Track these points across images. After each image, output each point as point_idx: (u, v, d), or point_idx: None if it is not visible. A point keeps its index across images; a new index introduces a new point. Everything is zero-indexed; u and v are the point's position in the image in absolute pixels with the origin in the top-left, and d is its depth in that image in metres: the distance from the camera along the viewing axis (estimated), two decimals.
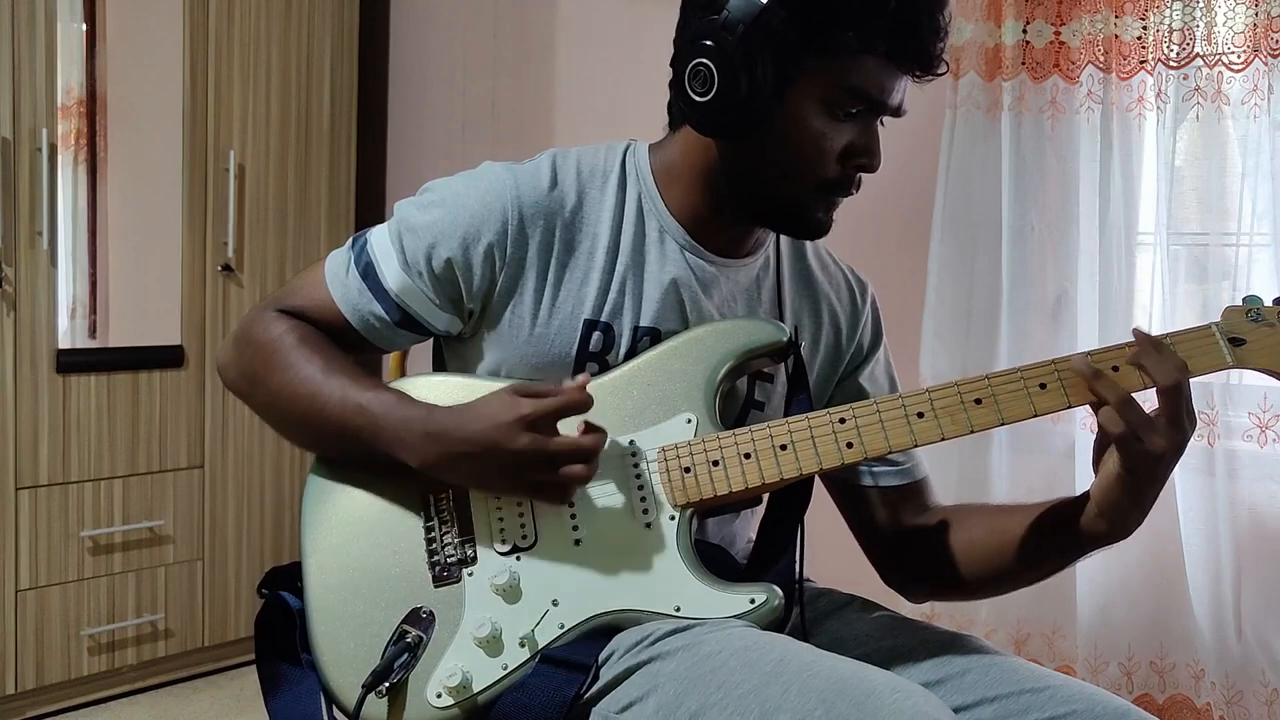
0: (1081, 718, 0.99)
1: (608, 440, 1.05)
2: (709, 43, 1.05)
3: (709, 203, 1.16)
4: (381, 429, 1.07)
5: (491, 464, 1.02)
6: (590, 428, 1.04)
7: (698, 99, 1.07)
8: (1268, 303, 1.07)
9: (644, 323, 1.14)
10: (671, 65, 1.10)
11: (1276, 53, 1.73)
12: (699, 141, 1.13)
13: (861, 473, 1.25)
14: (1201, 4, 1.79)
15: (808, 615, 1.18)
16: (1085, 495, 1.07)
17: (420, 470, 1.06)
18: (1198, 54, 1.81)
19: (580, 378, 1.04)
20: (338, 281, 1.16)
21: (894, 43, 1.05)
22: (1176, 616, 1.87)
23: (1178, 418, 1.00)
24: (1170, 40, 1.82)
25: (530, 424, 1.00)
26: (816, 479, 1.12)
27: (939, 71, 1.09)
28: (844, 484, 1.27)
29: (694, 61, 1.06)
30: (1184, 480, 1.83)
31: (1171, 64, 1.83)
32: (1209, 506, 1.81)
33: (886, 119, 1.11)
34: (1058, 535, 1.10)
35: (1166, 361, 1.01)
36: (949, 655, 1.08)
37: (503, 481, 1.04)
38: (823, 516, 1.28)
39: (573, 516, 1.07)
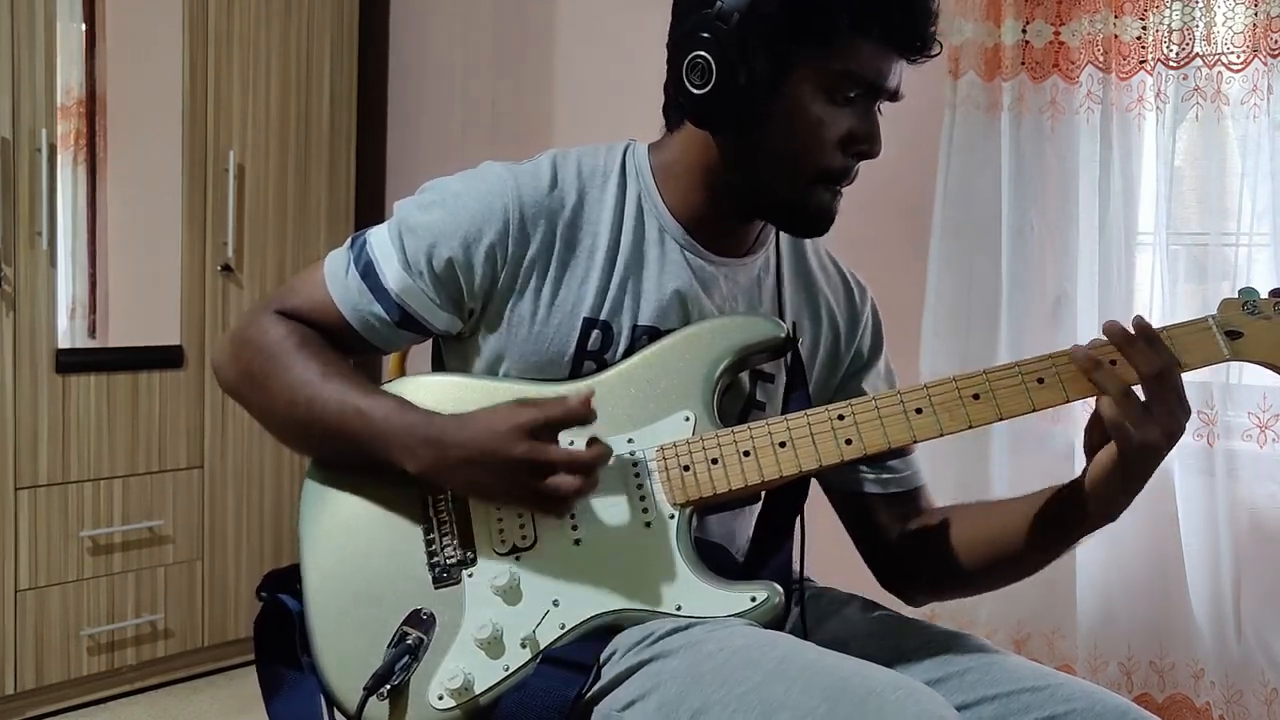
0: (1082, 716, 0.99)
1: (609, 451, 1.04)
2: (705, 35, 1.05)
3: (709, 202, 1.16)
4: (381, 434, 1.06)
5: (488, 471, 1.02)
6: (594, 441, 1.04)
7: (696, 92, 1.07)
8: (1264, 295, 1.06)
9: (643, 321, 1.14)
10: (668, 62, 1.10)
11: (1276, 53, 1.73)
12: (698, 139, 1.13)
13: (862, 480, 1.25)
14: (1201, 4, 1.79)
15: (809, 615, 1.18)
16: (1073, 483, 1.08)
17: (418, 476, 1.06)
18: (1197, 54, 1.81)
19: (584, 389, 1.04)
20: (337, 282, 1.16)
21: (888, 25, 1.06)
22: (1176, 616, 1.87)
23: (1170, 406, 1.00)
24: (1170, 40, 1.82)
25: (530, 432, 1.00)
26: (817, 482, 1.12)
27: (933, 53, 1.10)
28: (845, 492, 1.27)
29: (691, 54, 1.06)
30: (1184, 480, 1.83)
31: (1171, 64, 1.83)
32: (1209, 506, 1.81)
33: (885, 105, 1.12)
34: (1048, 523, 1.11)
35: (1154, 352, 1.01)
36: (950, 654, 1.08)
37: (499, 489, 1.04)
38: (824, 517, 1.28)
39: (572, 516, 1.07)
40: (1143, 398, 1.01)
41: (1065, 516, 1.09)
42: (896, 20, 1.06)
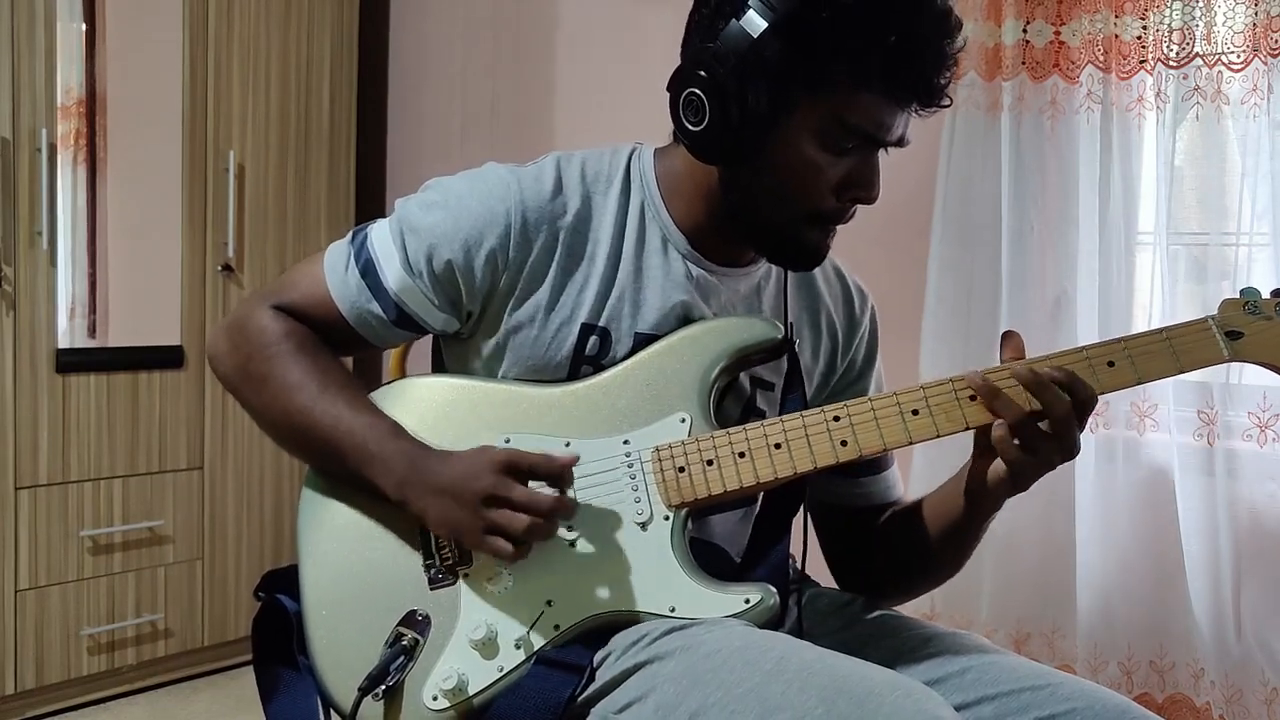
0: (1081, 715, 0.99)
1: (572, 505, 1.04)
2: (702, 73, 1.04)
3: (711, 216, 1.15)
4: (371, 456, 1.07)
5: (454, 501, 1.02)
6: (562, 495, 1.03)
7: (691, 128, 1.06)
8: (1265, 295, 1.06)
9: (643, 329, 1.14)
10: (668, 89, 1.09)
11: (1276, 52, 1.73)
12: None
13: (850, 494, 1.25)
14: (1201, 4, 1.79)
15: (808, 615, 1.18)
16: (968, 480, 1.10)
17: (395, 501, 1.06)
18: (1197, 54, 1.81)
19: (571, 455, 1.03)
20: (337, 278, 1.16)
21: (893, 78, 1.02)
22: (1176, 616, 1.87)
23: (1074, 434, 1.02)
24: (1170, 40, 1.82)
25: (500, 468, 1.01)
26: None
27: (943, 104, 1.06)
28: (830, 505, 1.26)
29: (686, 91, 1.05)
30: (1184, 480, 1.82)
31: (1171, 64, 1.82)
32: (1209, 506, 1.81)
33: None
34: (960, 517, 1.13)
35: (1062, 393, 1.01)
36: (949, 654, 1.08)
37: (461, 518, 1.02)
38: None
39: (567, 518, 1.06)
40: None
41: (968, 511, 1.12)
42: (902, 73, 1.02)
